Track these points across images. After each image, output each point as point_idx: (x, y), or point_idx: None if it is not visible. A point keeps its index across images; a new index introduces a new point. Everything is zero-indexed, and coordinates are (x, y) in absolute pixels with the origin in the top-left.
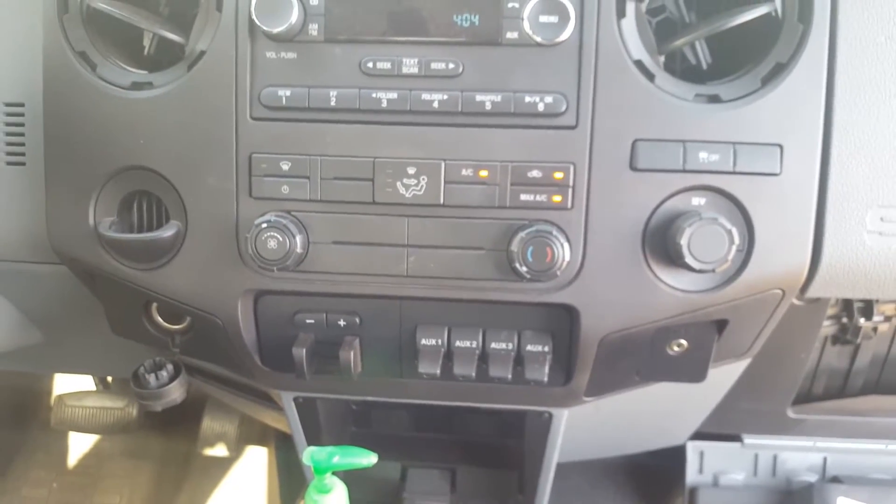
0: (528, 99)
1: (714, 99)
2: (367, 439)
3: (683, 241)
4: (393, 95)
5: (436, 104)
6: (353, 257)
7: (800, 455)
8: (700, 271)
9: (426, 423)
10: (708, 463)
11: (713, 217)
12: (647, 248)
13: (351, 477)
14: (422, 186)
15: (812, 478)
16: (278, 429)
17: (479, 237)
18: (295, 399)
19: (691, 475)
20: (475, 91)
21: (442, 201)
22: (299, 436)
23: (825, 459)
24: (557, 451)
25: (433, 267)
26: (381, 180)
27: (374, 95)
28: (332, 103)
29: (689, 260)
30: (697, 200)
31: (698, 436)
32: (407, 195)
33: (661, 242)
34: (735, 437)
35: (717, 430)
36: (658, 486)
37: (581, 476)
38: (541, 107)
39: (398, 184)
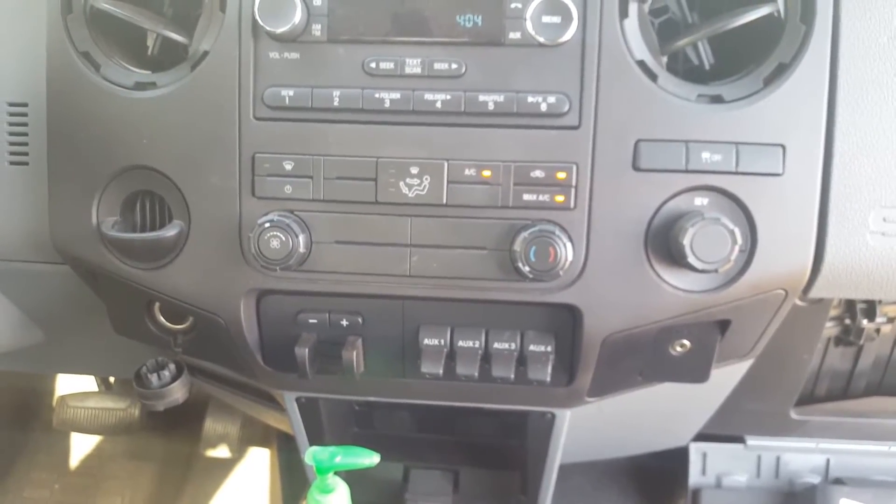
0: (530, 99)
1: (716, 99)
2: (370, 440)
3: (686, 241)
4: (396, 95)
5: (439, 104)
6: (355, 257)
7: (803, 457)
8: (703, 271)
9: (428, 423)
10: (711, 464)
11: (716, 217)
12: (650, 248)
13: (353, 477)
14: (425, 186)
15: (815, 479)
16: (280, 430)
17: (482, 237)
18: (297, 399)
19: (694, 476)
20: (478, 91)
21: (445, 201)
22: (301, 436)
23: (828, 461)
24: (560, 451)
25: (436, 267)
26: (384, 180)
27: (377, 95)
28: (336, 103)
29: (691, 260)
30: (700, 200)
31: (701, 437)
32: (410, 195)
33: (664, 242)
34: (738, 439)
35: (719, 431)
36: (661, 487)
37: (583, 477)
38: (543, 107)
39: (401, 183)
